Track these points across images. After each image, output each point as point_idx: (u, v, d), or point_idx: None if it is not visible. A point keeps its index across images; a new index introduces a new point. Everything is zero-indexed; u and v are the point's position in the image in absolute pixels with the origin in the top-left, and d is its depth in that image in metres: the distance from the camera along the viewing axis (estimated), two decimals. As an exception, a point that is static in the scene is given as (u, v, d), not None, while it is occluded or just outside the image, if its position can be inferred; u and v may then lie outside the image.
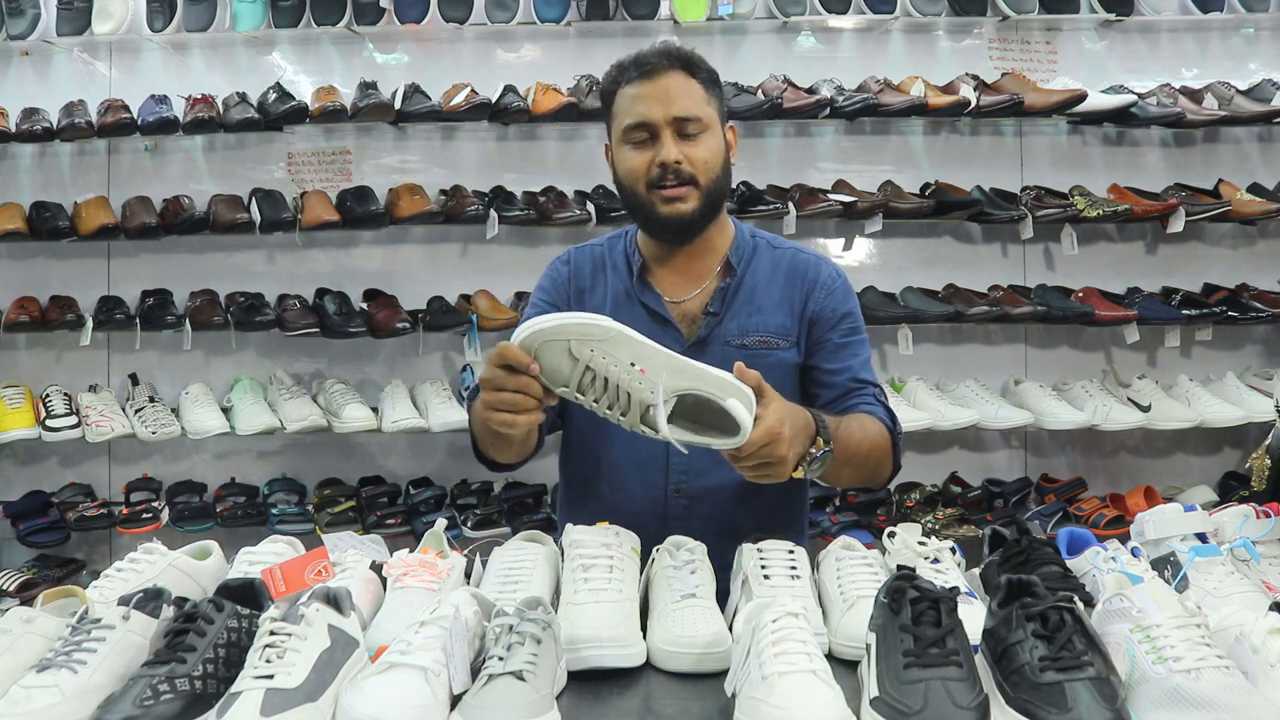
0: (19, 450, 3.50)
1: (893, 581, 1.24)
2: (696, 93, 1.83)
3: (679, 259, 1.92)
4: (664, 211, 1.82)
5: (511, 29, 3.46)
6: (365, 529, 3.25)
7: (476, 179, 3.51)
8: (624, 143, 1.84)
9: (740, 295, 1.91)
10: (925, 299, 3.46)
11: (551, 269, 2.02)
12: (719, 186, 1.85)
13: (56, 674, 1.15)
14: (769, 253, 1.96)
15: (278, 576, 1.37)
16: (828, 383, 1.89)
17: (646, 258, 1.94)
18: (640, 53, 1.85)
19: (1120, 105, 3.37)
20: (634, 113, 1.82)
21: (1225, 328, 3.56)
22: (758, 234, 1.99)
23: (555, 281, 1.99)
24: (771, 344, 1.88)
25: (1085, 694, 1.09)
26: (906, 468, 3.50)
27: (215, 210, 3.40)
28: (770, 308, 1.90)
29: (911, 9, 3.44)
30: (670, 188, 1.80)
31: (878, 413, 1.87)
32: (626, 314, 1.85)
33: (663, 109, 1.79)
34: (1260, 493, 2.04)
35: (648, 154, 1.81)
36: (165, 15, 3.39)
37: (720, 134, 1.86)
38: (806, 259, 1.96)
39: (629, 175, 1.84)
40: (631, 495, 1.87)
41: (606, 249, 2.00)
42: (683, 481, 1.86)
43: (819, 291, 1.92)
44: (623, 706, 1.28)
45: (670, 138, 1.80)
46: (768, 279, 1.93)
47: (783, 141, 3.63)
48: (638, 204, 1.86)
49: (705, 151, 1.82)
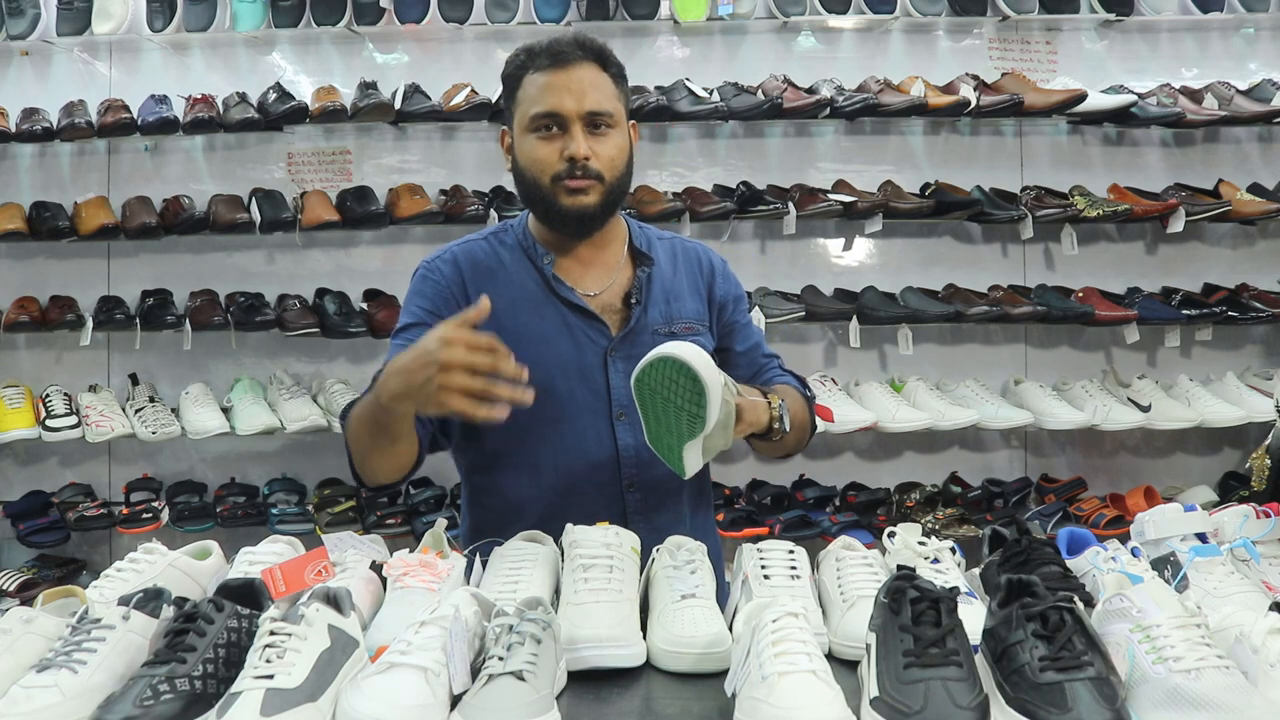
0: (19, 450, 3.50)
1: (893, 581, 1.24)
2: (608, 87, 1.79)
3: (583, 251, 1.88)
4: (567, 203, 1.77)
5: (511, 29, 3.46)
6: (365, 529, 3.26)
7: (476, 179, 3.51)
8: (529, 131, 1.78)
9: (655, 284, 1.89)
10: (925, 299, 3.46)
11: (431, 271, 1.87)
12: (622, 183, 1.82)
13: (56, 674, 1.15)
14: (660, 243, 1.95)
15: (278, 576, 1.37)
16: (743, 362, 1.94)
17: (548, 250, 1.87)
18: (553, 39, 1.79)
19: (1120, 105, 3.37)
20: (544, 101, 1.76)
21: (1225, 328, 3.56)
22: (644, 226, 1.99)
23: (439, 288, 1.84)
24: (694, 329, 1.89)
25: (1085, 694, 1.09)
26: (907, 467, 3.58)
27: (215, 210, 3.40)
28: (683, 294, 1.91)
29: (911, 9, 3.44)
30: (576, 179, 1.76)
31: (790, 381, 1.95)
32: (546, 310, 1.82)
33: (575, 102, 1.75)
34: (1260, 493, 2.04)
35: (555, 145, 1.76)
36: (165, 15, 3.39)
37: (626, 131, 1.83)
38: (695, 247, 1.99)
39: (533, 166, 1.78)
40: (587, 497, 1.79)
41: (494, 242, 1.91)
42: (634, 475, 1.83)
43: (718, 277, 1.96)
44: (623, 706, 1.28)
45: (580, 132, 1.75)
46: (671, 267, 1.92)
47: (783, 141, 3.63)
48: (540, 195, 1.79)
49: (613, 149, 1.78)
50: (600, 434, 1.82)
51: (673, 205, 3.31)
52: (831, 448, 3.57)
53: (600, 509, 1.73)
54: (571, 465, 1.82)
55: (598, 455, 1.82)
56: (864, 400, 3.39)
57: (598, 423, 1.82)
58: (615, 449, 1.82)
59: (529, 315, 1.82)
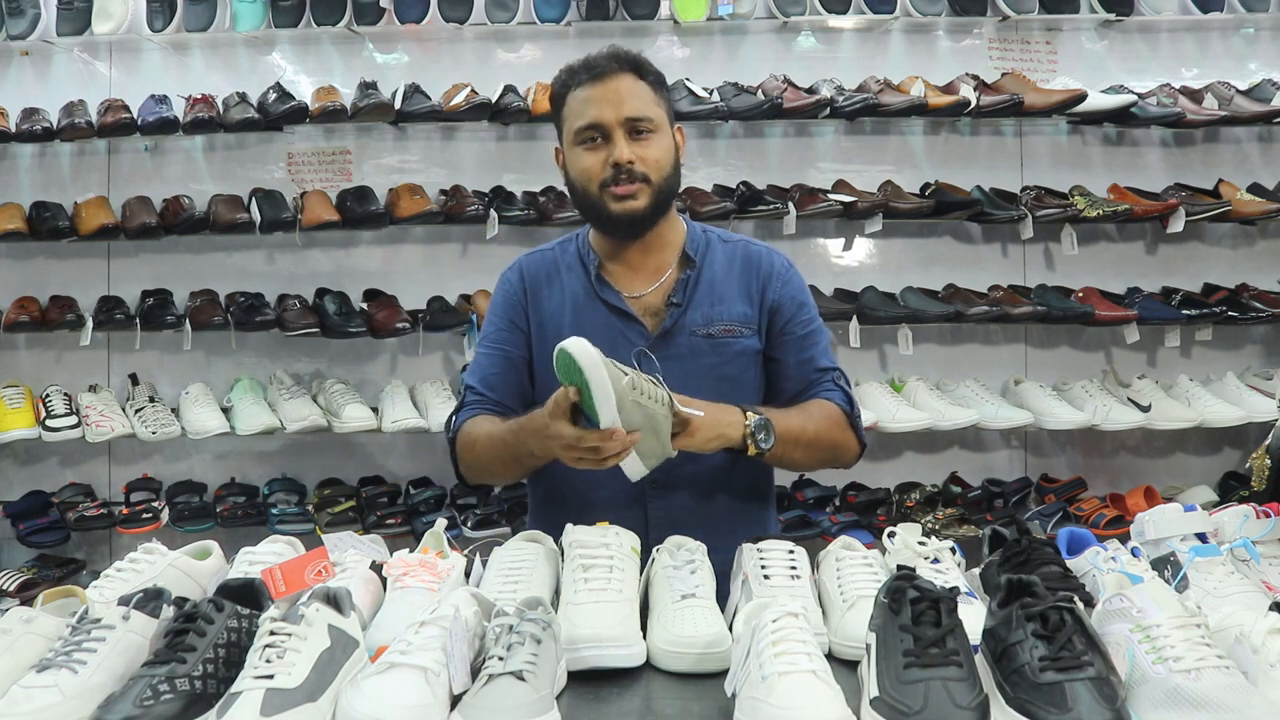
0: (19, 450, 3.50)
1: (893, 581, 1.24)
2: (645, 94, 1.87)
3: (634, 255, 1.95)
4: (615, 209, 1.86)
5: (511, 29, 3.46)
6: (365, 529, 3.25)
7: (476, 179, 3.51)
8: (576, 144, 1.88)
9: (701, 286, 1.94)
10: (925, 299, 3.46)
11: (503, 281, 2.04)
12: (669, 184, 1.90)
13: (56, 674, 1.15)
14: (722, 246, 2.00)
15: (278, 576, 1.37)
16: (793, 375, 1.96)
17: (602, 256, 1.97)
18: (589, 56, 1.89)
19: (1120, 105, 3.37)
20: (585, 115, 1.85)
21: (1225, 328, 3.55)
22: (709, 229, 2.04)
23: (508, 297, 2.00)
24: (736, 331, 1.93)
25: (1085, 694, 1.09)
26: (907, 467, 3.58)
27: (215, 210, 3.40)
28: (731, 297, 1.95)
29: (911, 9, 3.44)
30: (623, 184, 1.84)
31: (834, 397, 1.94)
32: (587, 312, 1.92)
33: (614, 110, 1.84)
34: (1260, 493, 2.04)
35: (600, 154, 1.85)
36: (165, 15, 3.39)
37: (670, 134, 1.91)
38: (759, 250, 2.01)
39: (582, 176, 1.88)
40: (610, 490, 1.84)
41: (558, 253, 2.02)
42: (658, 476, 1.83)
43: (775, 280, 1.97)
44: (623, 706, 1.28)
45: (622, 138, 1.84)
46: (725, 270, 1.97)
47: (783, 141, 3.63)
48: (590, 204, 1.89)
49: (656, 151, 1.86)
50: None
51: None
52: (831, 448, 3.56)
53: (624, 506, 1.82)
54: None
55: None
56: (864, 400, 3.38)
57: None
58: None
59: (574, 317, 1.92)
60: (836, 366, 1.98)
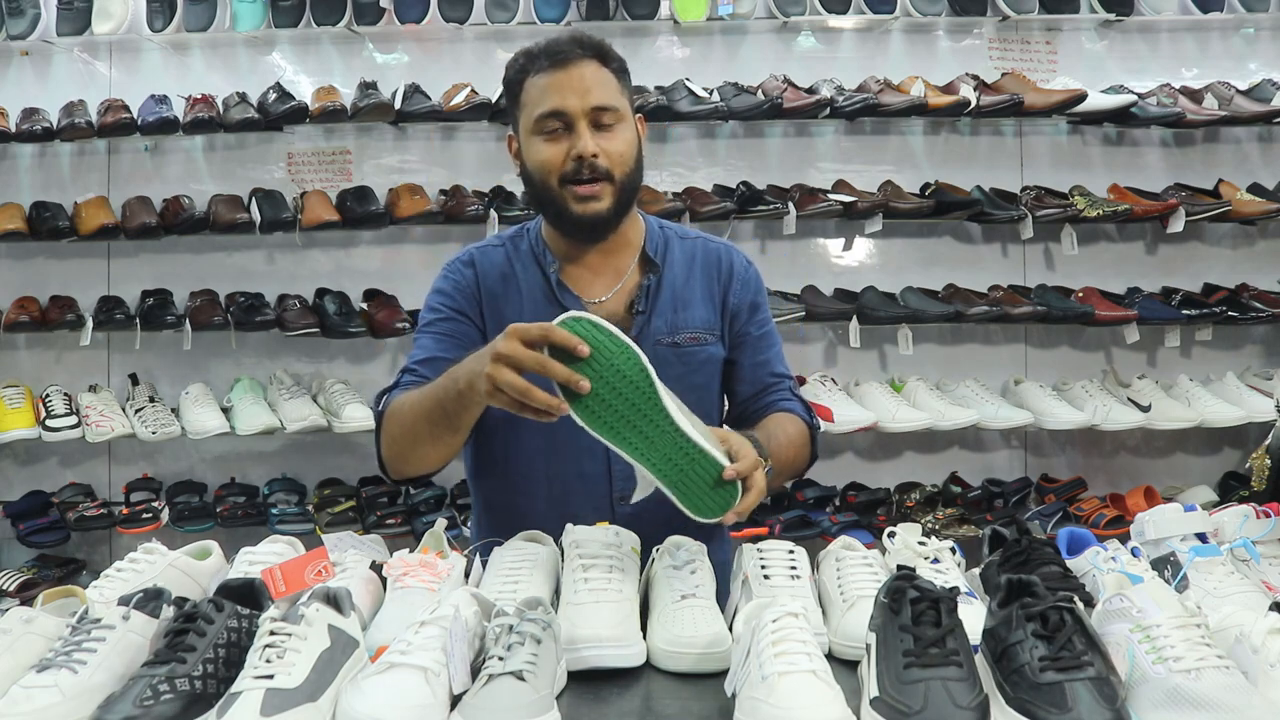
0: (19, 450, 3.50)
1: (893, 581, 1.24)
2: (610, 83, 1.75)
3: (593, 257, 1.84)
4: (578, 210, 1.74)
5: (511, 29, 3.46)
6: (365, 529, 3.25)
7: (476, 179, 3.51)
8: (535, 134, 1.75)
9: (664, 291, 1.84)
10: (925, 299, 3.46)
11: (452, 270, 1.89)
12: (632, 181, 1.78)
13: (56, 674, 1.15)
14: (680, 244, 1.90)
15: (278, 576, 1.37)
16: (747, 378, 1.89)
17: (557, 256, 1.84)
18: (551, 40, 1.76)
19: (1120, 105, 3.37)
20: (547, 102, 1.72)
21: (1225, 328, 3.56)
22: (665, 225, 1.94)
23: (459, 286, 1.86)
24: (700, 339, 1.85)
25: (1085, 694, 1.09)
26: (907, 467, 3.58)
27: (215, 210, 3.40)
28: (695, 302, 1.86)
29: (911, 9, 3.44)
30: (585, 183, 1.72)
31: (795, 408, 1.88)
32: (545, 316, 1.71)
33: (578, 99, 1.71)
34: (1260, 493, 2.04)
35: (562, 145, 1.72)
36: (165, 15, 3.39)
37: (633, 125, 1.79)
38: (717, 248, 1.92)
39: (541, 168, 1.75)
40: (575, 505, 1.76)
41: (510, 249, 1.89)
42: (626, 488, 1.73)
43: (735, 283, 1.89)
44: (623, 706, 1.28)
45: (586, 129, 1.71)
46: (686, 272, 1.87)
47: (783, 141, 3.63)
48: (549, 199, 1.76)
49: (621, 144, 1.75)
50: (593, 445, 1.78)
51: (673, 205, 3.31)
52: (831, 448, 3.56)
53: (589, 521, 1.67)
54: (565, 476, 1.81)
55: (590, 468, 1.81)
56: (864, 400, 3.39)
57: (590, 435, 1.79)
58: (607, 464, 1.80)
59: (535, 320, 1.78)
60: (790, 373, 1.92)
